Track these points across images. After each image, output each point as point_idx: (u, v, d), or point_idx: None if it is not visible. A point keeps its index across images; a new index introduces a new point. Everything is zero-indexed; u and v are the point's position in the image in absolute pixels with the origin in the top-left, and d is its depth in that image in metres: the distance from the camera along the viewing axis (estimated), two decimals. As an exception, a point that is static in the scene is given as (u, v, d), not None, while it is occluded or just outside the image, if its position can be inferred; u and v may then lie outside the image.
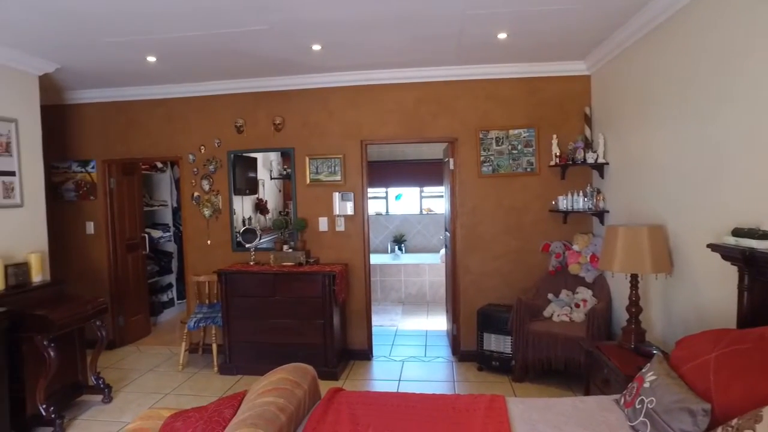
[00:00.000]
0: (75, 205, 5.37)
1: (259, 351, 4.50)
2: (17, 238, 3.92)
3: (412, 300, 7.42)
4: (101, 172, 5.33)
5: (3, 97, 3.87)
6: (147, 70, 4.44)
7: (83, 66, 4.31)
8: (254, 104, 4.98)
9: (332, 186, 4.86)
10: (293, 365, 2.39)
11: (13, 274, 3.67)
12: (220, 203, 5.07)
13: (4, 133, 3.84)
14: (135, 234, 5.73)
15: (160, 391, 4.25)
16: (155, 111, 5.18)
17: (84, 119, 5.35)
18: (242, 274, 4.53)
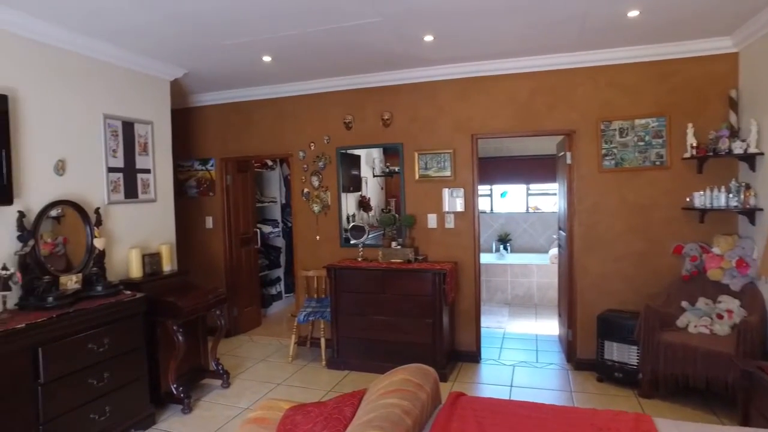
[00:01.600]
0: (196, 200, 5.74)
1: (367, 347, 4.50)
2: (151, 230, 4.25)
3: (519, 301, 7.09)
4: (219, 169, 5.65)
5: (143, 102, 4.21)
6: (262, 70, 4.61)
7: (206, 70, 4.57)
8: (362, 100, 4.99)
9: (441, 182, 4.74)
10: (415, 366, 2.30)
11: (148, 263, 3.98)
12: (328, 199, 5.15)
13: (143, 134, 4.17)
14: (248, 229, 6.01)
15: (272, 380, 4.39)
16: (268, 110, 5.38)
17: (205, 120, 5.70)
18: (351, 269, 4.56)
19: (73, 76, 3.60)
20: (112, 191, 3.86)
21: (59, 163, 3.46)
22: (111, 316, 3.24)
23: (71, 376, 2.97)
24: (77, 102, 3.62)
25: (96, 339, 3.11)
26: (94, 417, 3.10)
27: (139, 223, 4.12)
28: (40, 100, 3.34)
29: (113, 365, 3.23)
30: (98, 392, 3.13)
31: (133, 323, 3.41)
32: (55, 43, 3.44)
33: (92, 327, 3.11)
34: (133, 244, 4.00)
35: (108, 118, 3.85)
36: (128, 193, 4.01)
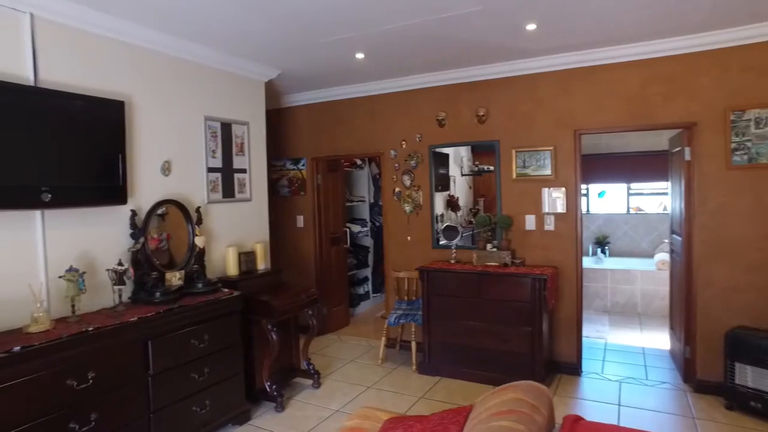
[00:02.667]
0: (288, 200, 5.84)
1: (460, 354, 4.31)
2: (247, 229, 4.35)
3: (619, 310, 6.55)
4: (310, 169, 5.70)
5: (240, 103, 4.31)
6: (354, 68, 4.55)
7: (299, 70, 4.59)
8: (456, 96, 4.79)
9: (541, 181, 4.43)
10: (527, 384, 2.08)
11: (244, 262, 4.06)
12: (420, 199, 5.01)
13: (240, 135, 4.27)
14: (338, 228, 6.02)
15: (362, 383, 4.33)
16: (359, 108, 5.34)
17: (297, 120, 5.78)
18: (444, 272, 4.38)
19: (179, 81, 3.74)
20: (212, 191, 3.98)
21: (165, 164, 3.60)
22: (211, 313, 3.31)
23: (176, 369, 3.07)
24: (182, 105, 3.76)
25: (197, 335, 3.19)
26: (195, 409, 3.18)
27: (235, 222, 4.22)
28: (150, 105, 3.50)
29: (212, 361, 3.30)
30: (199, 386, 3.21)
31: (230, 321, 3.47)
32: (164, 50, 3.58)
33: (194, 323, 3.19)
34: (230, 243, 4.10)
35: (208, 120, 3.97)
36: (226, 193, 4.12)
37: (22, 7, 2.79)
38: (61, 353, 2.48)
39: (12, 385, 2.27)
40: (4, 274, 2.69)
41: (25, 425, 2.31)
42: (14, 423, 2.27)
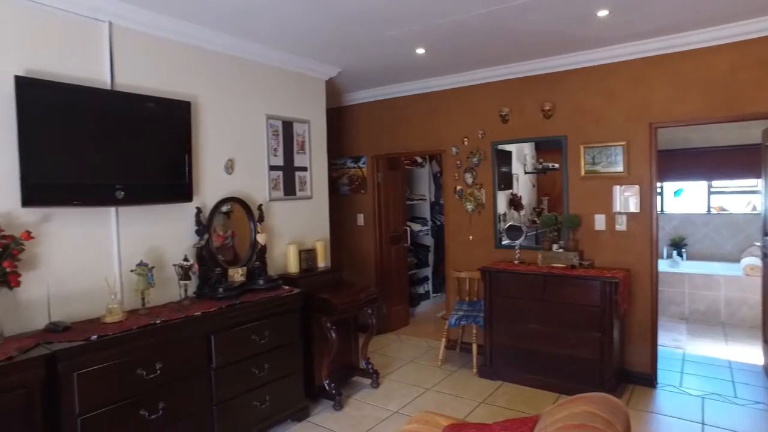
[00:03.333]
0: (348, 198, 5.86)
1: (523, 358, 4.13)
2: (307, 226, 4.38)
3: (699, 318, 6.07)
4: (370, 167, 5.68)
5: (301, 102, 4.35)
6: (414, 64, 4.48)
7: (359, 67, 4.58)
8: (520, 91, 4.60)
9: (612, 178, 4.16)
10: (600, 396, 1.92)
11: (304, 259, 4.09)
12: (483, 197, 4.86)
13: (301, 133, 4.32)
14: (398, 227, 5.98)
15: (421, 384, 4.25)
16: (419, 105, 5.26)
17: (357, 118, 5.79)
18: (507, 273, 4.22)
19: (241, 81, 3.82)
20: (273, 188, 4.04)
21: (229, 163, 3.69)
22: (271, 309, 3.35)
23: (237, 364, 3.12)
24: (244, 104, 3.84)
25: (258, 331, 3.24)
26: (256, 404, 3.23)
27: (296, 220, 4.27)
28: (214, 105, 3.59)
29: (272, 357, 3.34)
30: (259, 381, 3.26)
31: (290, 318, 3.50)
32: (227, 51, 3.67)
33: (255, 319, 3.24)
34: (290, 240, 4.15)
35: (270, 119, 4.03)
36: (287, 191, 4.17)
37: (102, 17, 2.94)
38: (132, 343, 2.58)
39: (91, 370, 2.40)
40: (85, 268, 2.86)
41: (102, 409, 2.44)
42: (92, 407, 2.40)
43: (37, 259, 2.66)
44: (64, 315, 2.71)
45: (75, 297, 2.80)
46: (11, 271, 2.36)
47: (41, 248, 2.67)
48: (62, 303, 2.73)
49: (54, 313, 2.67)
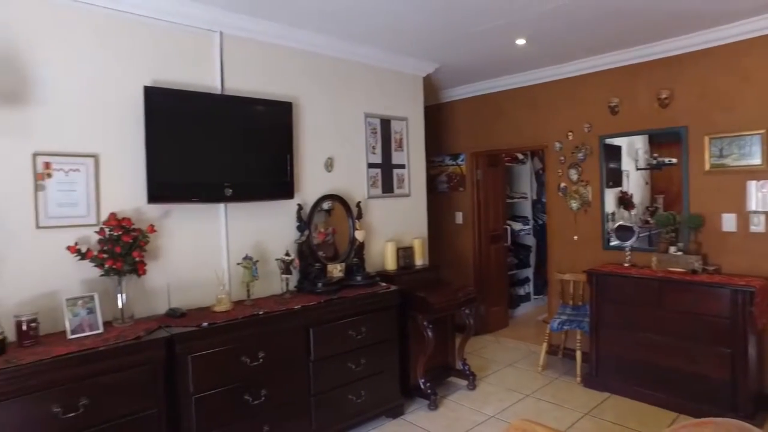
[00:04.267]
0: (446, 196, 5.79)
1: (635, 370, 3.79)
2: (405, 224, 4.39)
3: None
4: (469, 164, 5.57)
5: (398, 99, 4.37)
6: (514, 56, 4.30)
7: (457, 62, 4.49)
8: (632, 78, 4.23)
9: (745, 172, 3.66)
10: (734, 423, 1.68)
11: (402, 257, 4.10)
12: (589, 195, 4.54)
13: (399, 131, 4.34)
14: (498, 226, 5.79)
15: (519, 389, 4.07)
16: (520, 99, 5.05)
17: (455, 115, 5.70)
18: (617, 276, 3.90)
19: (340, 80, 3.92)
20: (371, 186, 4.10)
21: (328, 161, 3.80)
22: (369, 305, 3.40)
23: (334, 357, 3.20)
24: (343, 103, 3.93)
25: (355, 326, 3.30)
26: (351, 398, 3.29)
27: (394, 217, 4.30)
28: (313, 105, 3.72)
29: (369, 353, 3.38)
30: (355, 376, 3.31)
31: (387, 315, 3.52)
32: (326, 52, 3.78)
33: (352, 314, 3.30)
34: (388, 238, 4.18)
35: (368, 117, 4.09)
36: (385, 188, 4.21)
37: (215, 28, 3.18)
38: (238, 332, 2.75)
39: (202, 354, 2.60)
40: (198, 259, 3.10)
41: (211, 390, 2.63)
42: (204, 388, 2.61)
43: (159, 250, 2.94)
44: (181, 302, 2.96)
45: (189, 286, 3.05)
46: (139, 260, 2.63)
47: (162, 241, 2.95)
48: (179, 291, 2.99)
49: (172, 300, 2.94)
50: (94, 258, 2.55)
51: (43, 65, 2.57)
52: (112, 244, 2.57)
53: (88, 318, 2.49)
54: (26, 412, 2.09)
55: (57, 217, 2.59)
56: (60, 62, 2.62)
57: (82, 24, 2.70)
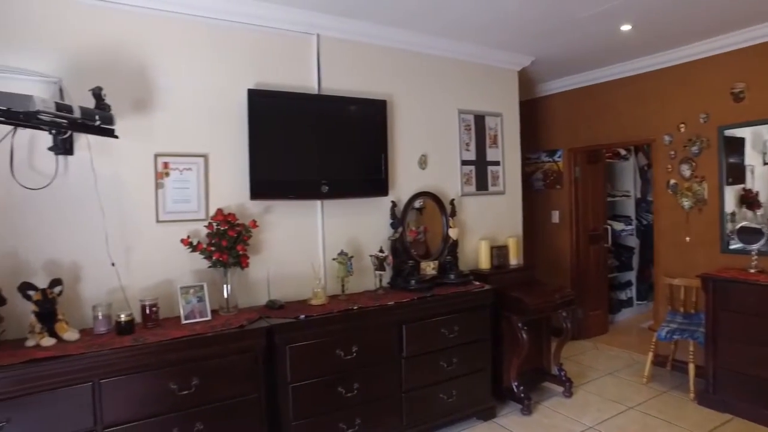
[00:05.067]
0: (542, 194, 5.55)
1: (762, 390, 3.38)
2: (499, 222, 4.28)
3: None
4: (567, 161, 5.30)
5: (492, 95, 4.26)
6: (618, 43, 4.01)
7: (555, 54, 4.29)
8: (761, 59, 3.77)
9: None
10: None
11: (496, 256, 4.00)
12: (704, 192, 4.13)
13: (493, 127, 4.23)
14: (597, 225, 5.46)
15: (622, 401, 3.80)
16: (623, 91, 4.72)
17: (551, 109, 5.45)
18: (740, 283, 3.49)
19: (433, 77, 3.89)
20: (465, 183, 4.03)
21: (422, 158, 3.79)
22: (461, 304, 3.35)
23: (426, 355, 3.19)
24: (436, 100, 3.90)
25: (447, 324, 3.26)
26: (443, 397, 3.26)
27: (488, 215, 4.20)
28: (407, 102, 3.73)
29: (461, 352, 3.33)
30: (447, 375, 3.28)
31: (480, 314, 3.45)
32: (419, 49, 3.77)
33: (445, 313, 3.27)
34: (482, 236, 4.09)
35: (462, 113, 4.03)
36: (479, 185, 4.12)
37: (312, 30, 3.30)
38: (333, 326, 2.83)
39: (299, 345, 2.71)
40: (295, 254, 3.24)
41: (307, 380, 2.74)
42: (300, 377, 2.72)
43: (261, 244, 3.10)
44: (279, 294, 3.10)
45: (287, 279, 3.18)
46: (243, 253, 2.79)
47: (263, 235, 3.11)
48: (277, 284, 3.13)
49: (271, 292, 3.08)
50: (203, 250, 2.74)
51: (163, 75, 2.83)
52: (218, 238, 2.75)
53: (199, 305, 2.69)
54: (149, 385, 2.31)
55: (173, 212, 2.83)
56: (176, 72, 2.87)
57: (194, 35, 2.92)
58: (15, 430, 2.03)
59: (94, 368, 2.19)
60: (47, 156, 2.51)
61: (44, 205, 2.53)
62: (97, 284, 2.64)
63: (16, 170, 2.42)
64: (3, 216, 2.45)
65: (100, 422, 2.20)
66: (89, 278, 2.64)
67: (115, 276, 2.64)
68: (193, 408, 2.40)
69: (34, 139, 2.49)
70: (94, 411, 2.19)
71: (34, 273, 2.49)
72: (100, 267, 2.63)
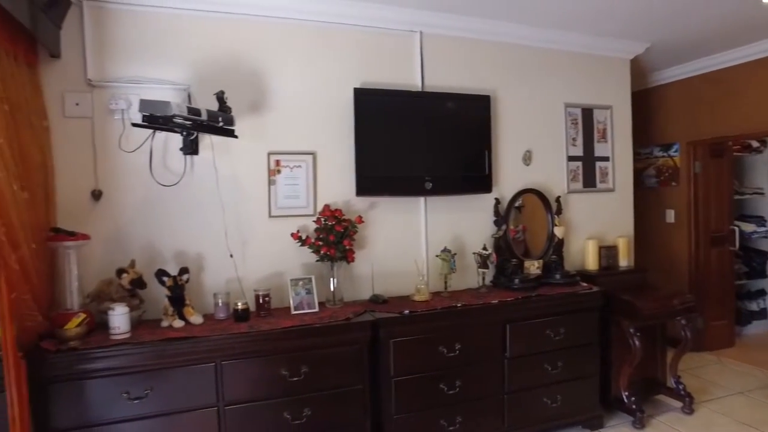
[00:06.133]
0: (655, 191, 5.15)
1: None
2: (608, 221, 4.03)
3: None
4: (684, 155, 4.87)
5: (601, 86, 4.01)
6: (757, 19, 3.58)
7: (674, 39, 3.95)
8: None
9: None
10: None
11: (604, 256, 3.77)
12: None
13: (602, 120, 3.99)
14: (721, 226, 4.95)
15: (756, 425, 3.39)
16: (755, 75, 4.23)
17: (667, 100, 5.03)
18: None
19: (539, 70, 3.75)
20: (571, 180, 3.85)
21: (526, 154, 3.67)
22: (568, 306, 3.20)
23: (530, 357, 3.09)
24: (541, 94, 3.76)
25: (553, 326, 3.13)
26: (546, 401, 3.14)
27: (595, 214, 3.97)
28: (511, 97, 3.63)
29: (566, 356, 3.18)
30: (551, 379, 3.15)
31: (588, 317, 3.27)
32: (525, 42, 3.66)
33: (550, 314, 3.14)
34: (589, 235, 3.88)
35: (568, 107, 3.85)
36: (586, 182, 3.91)
37: (415, 28, 3.32)
38: (436, 322, 2.84)
39: (403, 340, 2.74)
40: (398, 250, 3.28)
41: (410, 375, 2.77)
42: (403, 372, 2.75)
43: (365, 240, 3.19)
44: (382, 289, 3.16)
45: (390, 275, 3.23)
46: (349, 248, 2.88)
47: (368, 231, 3.19)
48: (380, 279, 3.19)
49: (375, 287, 3.14)
50: (312, 245, 2.87)
51: (274, 77, 3.00)
52: (326, 233, 2.86)
53: (307, 297, 2.81)
54: (263, 369, 2.46)
55: (284, 207, 3.00)
56: (286, 73, 3.04)
57: (302, 39, 3.07)
58: (157, 397, 2.28)
59: (216, 350, 2.37)
60: (177, 156, 2.76)
61: (174, 201, 2.79)
62: (217, 274, 2.87)
63: (154, 169, 2.70)
64: (143, 210, 2.75)
65: (221, 399, 2.39)
66: (210, 268, 2.87)
67: (233, 267, 2.85)
68: (302, 394, 2.52)
69: (167, 141, 2.75)
70: (217, 389, 2.38)
71: (166, 262, 2.76)
72: (219, 258, 2.86)
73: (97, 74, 2.66)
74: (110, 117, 2.69)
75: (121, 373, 2.24)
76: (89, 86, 2.65)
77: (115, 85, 2.69)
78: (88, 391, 2.20)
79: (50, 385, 2.14)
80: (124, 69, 2.71)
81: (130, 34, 2.72)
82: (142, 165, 2.70)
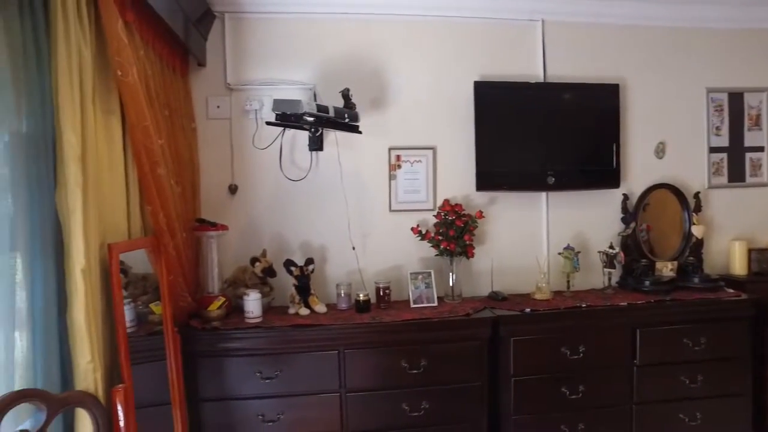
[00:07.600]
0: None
1: None
2: (760, 220, 3.53)
3: None
4: None
5: (756, 65, 3.47)
6: None
7: None
8: None
9: None
10: None
11: (755, 260, 3.33)
12: None
13: (755, 105, 3.51)
14: None
15: None
16: None
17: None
18: None
19: (676, 53, 3.38)
20: (714, 174, 3.45)
21: (659, 146, 3.37)
22: (709, 313, 2.88)
23: (663, 366, 2.83)
24: (678, 79, 3.40)
25: (691, 335, 2.83)
26: (683, 418, 2.85)
27: (744, 212, 3.51)
28: (642, 85, 3.34)
29: (708, 369, 2.86)
30: (689, 393, 2.85)
31: (735, 327, 2.91)
32: (656, 23, 3.32)
33: (688, 321, 2.85)
34: (735, 236, 3.45)
35: (711, 92, 3.44)
36: (733, 176, 3.48)
37: (536, 16, 3.19)
38: (559, 322, 2.72)
39: (524, 339, 2.67)
40: (518, 247, 3.19)
41: (530, 376, 2.68)
42: (523, 371, 2.67)
43: (485, 235, 3.14)
44: (500, 286, 3.08)
45: (509, 271, 3.14)
46: (469, 243, 2.86)
47: (487, 226, 3.13)
48: (499, 275, 3.11)
49: (494, 284, 3.08)
50: (432, 239, 2.88)
51: (395, 73, 3.06)
52: (446, 228, 2.85)
53: (426, 291, 2.84)
54: (382, 360, 2.53)
55: (404, 202, 3.05)
56: (406, 69, 3.07)
57: (421, 34, 3.09)
58: (285, 379, 2.44)
59: (339, 339, 2.48)
60: (304, 152, 2.93)
61: (301, 195, 2.96)
62: (339, 265, 2.99)
63: (283, 165, 2.89)
64: (274, 203, 2.95)
65: (344, 386, 2.49)
66: (333, 259, 3.00)
67: (354, 259, 2.95)
68: (421, 387, 2.54)
69: (294, 138, 2.93)
70: (340, 375, 2.48)
71: (293, 252, 2.94)
72: (342, 250, 2.98)
73: (235, 78, 2.91)
74: (245, 117, 2.92)
75: (254, 354, 2.43)
76: (228, 90, 2.91)
77: (249, 87, 2.92)
78: (227, 367, 2.42)
79: (198, 359, 2.39)
80: (257, 72, 2.93)
81: (262, 40, 2.94)
82: (273, 161, 2.91)
